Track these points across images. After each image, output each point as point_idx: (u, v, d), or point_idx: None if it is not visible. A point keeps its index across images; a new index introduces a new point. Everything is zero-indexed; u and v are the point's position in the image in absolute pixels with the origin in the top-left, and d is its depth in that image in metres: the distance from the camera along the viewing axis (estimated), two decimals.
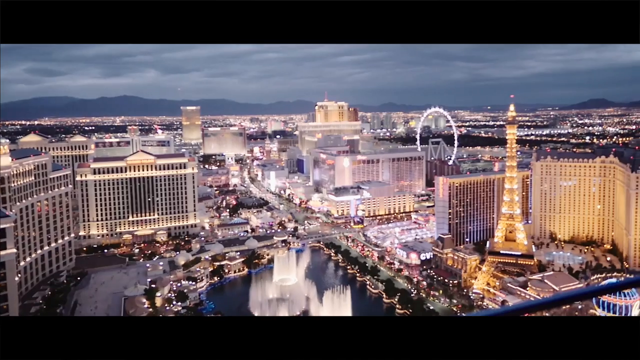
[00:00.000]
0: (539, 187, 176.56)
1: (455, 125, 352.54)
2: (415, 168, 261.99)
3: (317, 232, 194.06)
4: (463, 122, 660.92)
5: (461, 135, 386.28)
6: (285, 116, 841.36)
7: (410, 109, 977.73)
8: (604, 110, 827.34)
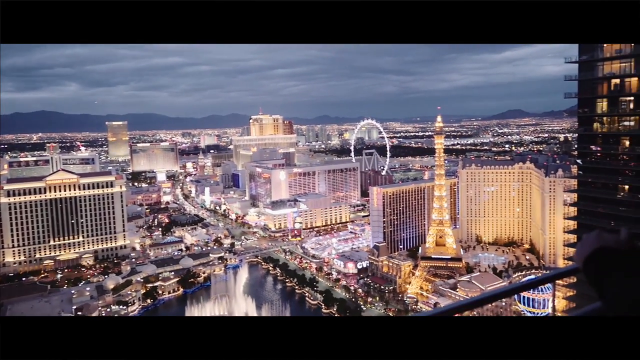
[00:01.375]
0: (465, 194, 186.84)
1: (387, 137, 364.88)
2: (350, 179, 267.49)
3: (254, 247, 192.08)
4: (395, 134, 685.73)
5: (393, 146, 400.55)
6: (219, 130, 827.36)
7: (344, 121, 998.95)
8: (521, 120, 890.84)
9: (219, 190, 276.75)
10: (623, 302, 1.24)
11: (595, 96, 67.51)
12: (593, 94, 67.72)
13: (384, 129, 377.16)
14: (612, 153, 66.91)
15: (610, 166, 67.02)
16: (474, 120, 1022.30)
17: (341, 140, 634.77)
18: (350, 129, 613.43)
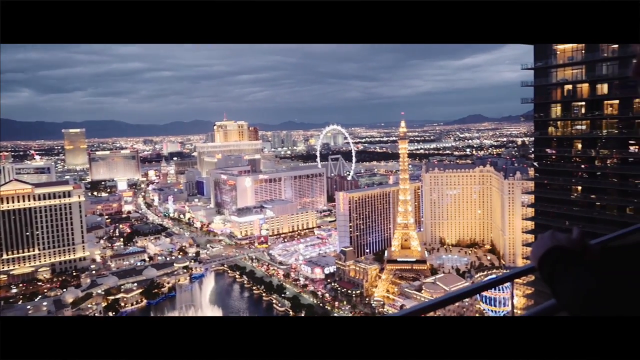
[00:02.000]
0: (428, 197, 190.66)
1: (353, 142, 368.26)
2: (316, 185, 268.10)
3: (220, 255, 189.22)
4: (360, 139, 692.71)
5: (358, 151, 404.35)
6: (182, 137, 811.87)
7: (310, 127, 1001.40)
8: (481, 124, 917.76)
9: (183, 198, 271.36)
10: (574, 298, 1.28)
11: (550, 101, 70.52)
12: (548, 99, 70.71)
13: (349, 135, 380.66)
14: (566, 155, 69.92)
15: (565, 168, 69.99)
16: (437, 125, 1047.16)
17: (307, 146, 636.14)
18: (315, 135, 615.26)
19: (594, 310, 1.18)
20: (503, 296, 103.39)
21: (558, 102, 69.93)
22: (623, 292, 1.08)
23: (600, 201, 66.10)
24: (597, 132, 66.04)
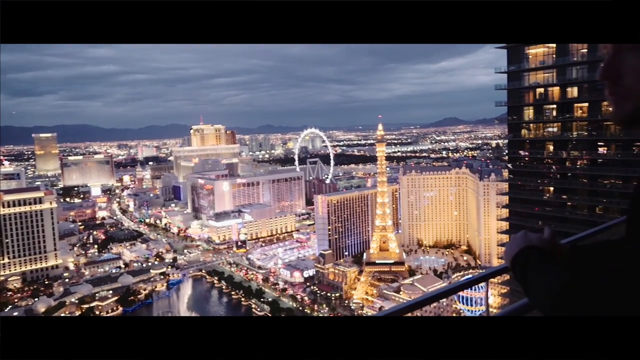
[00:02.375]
0: (406, 199, 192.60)
1: (331, 145, 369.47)
2: (295, 188, 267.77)
3: (198, 261, 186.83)
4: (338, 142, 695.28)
5: (336, 154, 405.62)
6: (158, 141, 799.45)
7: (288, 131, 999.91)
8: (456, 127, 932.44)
9: (159, 204, 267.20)
10: (545, 296, 1.32)
11: (523, 104, 72.27)
12: (520, 102, 72.44)
13: (327, 138, 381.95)
14: (539, 157, 71.70)
15: (537, 169, 71.74)
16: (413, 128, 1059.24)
17: (285, 150, 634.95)
18: (293, 138, 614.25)
19: (563, 307, 1.22)
20: (479, 296, 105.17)
21: (530, 105, 71.75)
22: (591, 290, 1.11)
23: (571, 201, 67.99)
24: (568, 134, 67.97)
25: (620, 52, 1.15)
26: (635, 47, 1.10)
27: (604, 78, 1.22)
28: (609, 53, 1.19)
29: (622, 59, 1.15)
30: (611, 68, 1.16)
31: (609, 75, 1.17)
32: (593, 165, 65.36)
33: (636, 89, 1.14)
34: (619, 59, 1.16)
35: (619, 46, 1.15)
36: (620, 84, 1.17)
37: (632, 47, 1.11)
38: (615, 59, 1.16)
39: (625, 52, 1.13)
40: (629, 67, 1.12)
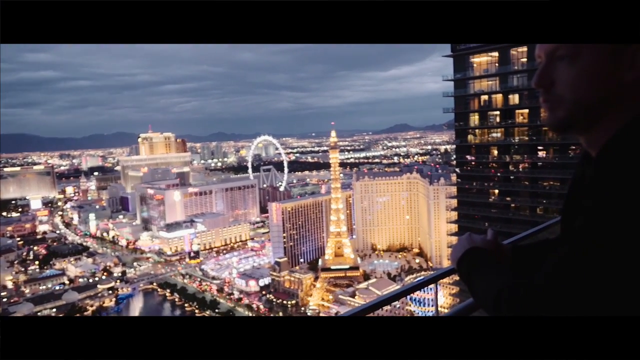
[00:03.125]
0: (360, 205, 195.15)
1: (284, 152, 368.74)
2: (248, 196, 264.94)
3: (149, 274, 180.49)
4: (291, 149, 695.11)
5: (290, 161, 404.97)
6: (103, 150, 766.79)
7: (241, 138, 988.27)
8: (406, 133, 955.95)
9: (106, 216, 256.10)
10: (488, 296, 1.35)
11: (468, 111, 75.38)
12: (466, 109, 75.53)
13: (280, 145, 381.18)
14: (484, 161, 74.94)
15: (483, 173, 74.96)
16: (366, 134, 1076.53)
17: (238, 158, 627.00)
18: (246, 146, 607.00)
19: (504, 306, 1.25)
20: (430, 297, 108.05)
21: (476, 111, 74.95)
22: (529, 288, 1.15)
23: (514, 203, 71.45)
24: (510, 139, 71.50)
25: (553, 61, 1.18)
26: (566, 56, 1.15)
27: (538, 86, 1.26)
28: (543, 62, 1.22)
29: (554, 68, 1.19)
30: (544, 76, 1.20)
31: (543, 84, 1.22)
32: (534, 168, 69.08)
33: (568, 96, 1.20)
34: (552, 68, 1.20)
35: (552, 55, 1.18)
36: (553, 92, 1.23)
37: (564, 56, 1.15)
38: (548, 67, 1.20)
39: (557, 62, 1.17)
40: (560, 76, 1.17)
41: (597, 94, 1.18)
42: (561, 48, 1.15)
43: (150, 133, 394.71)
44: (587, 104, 1.20)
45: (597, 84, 1.17)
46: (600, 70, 1.16)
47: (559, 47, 1.15)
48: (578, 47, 1.12)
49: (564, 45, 1.14)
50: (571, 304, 1.02)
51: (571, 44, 1.13)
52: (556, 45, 1.16)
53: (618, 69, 1.16)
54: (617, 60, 1.15)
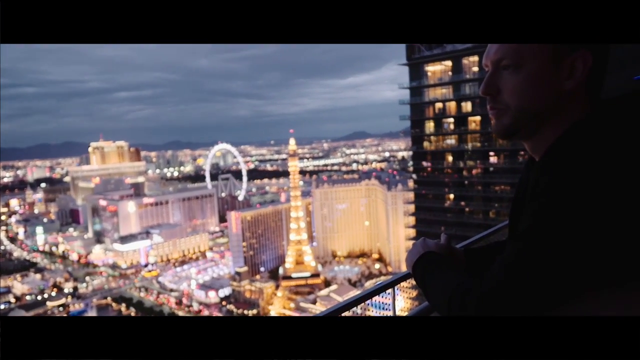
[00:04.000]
0: (319, 212, 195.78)
1: (243, 161, 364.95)
2: (207, 206, 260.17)
3: (103, 288, 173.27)
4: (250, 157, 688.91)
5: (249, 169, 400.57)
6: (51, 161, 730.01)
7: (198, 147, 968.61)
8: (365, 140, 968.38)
9: (54, 229, 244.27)
10: (441, 298, 1.36)
11: (424, 118, 77.54)
12: (422, 116, 77.65)
13: (239, 153, 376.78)
14: (439, 167, 77.18)
15: (439, 179, 77.12)
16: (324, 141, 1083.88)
17: (195, 166, 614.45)
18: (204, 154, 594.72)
19: (456, 308, 1.28)
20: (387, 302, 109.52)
21: (431, 118, 77.21)
22: (479, 289, 1.18)
23: (468, 207, 73.91)
24: (464, 146, 74.00)
25: (498, 70, 1.22)
26: (510, 65, 1.19)
27: (485, 94, 1.29)
28: (489, 71, 1.26)
29: (500, 77, 1.22)
30: (491, 84, 1.23)
31: (489, 91, 1.24)
32: (486, 173, 71.79)
33: (513, 104, 1.21)
34: (498, 77, 1.23)
35: (498, 64, 1.22)
36: (499, 100, 1.25)
37: (508, 65, 1.19)
38: (495, 76, 1.24)
39: (502, 71, 1.21)
40: (506, 84, 1.20)
41: (540, 102, 1.23)
42: (506, 58, 1.19)
43: (101, 142, 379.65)
44: (530, 111, 1.24)
45: (539, 92, 1.22)
46: (542, 79, 1.21)
47: (504, 57, 1.19)
48: (521, 57, 1.17)
49: (508, 55, 1.18)
50: (518, 303, 1.06)
51: (515, 54, 1.16)
52: (501, 55, 1.20)
53: (558, 79, 1.21)
54: (556, 71, 1.19)
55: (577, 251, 1.04)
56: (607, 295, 1.03)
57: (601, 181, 1.00)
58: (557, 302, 1.05)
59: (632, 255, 0.98)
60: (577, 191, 1.01)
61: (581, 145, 1.11)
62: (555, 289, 1.07)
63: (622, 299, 1.02)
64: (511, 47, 1.19)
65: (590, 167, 1.03)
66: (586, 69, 1.19)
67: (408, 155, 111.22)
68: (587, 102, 1.23)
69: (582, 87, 1.21)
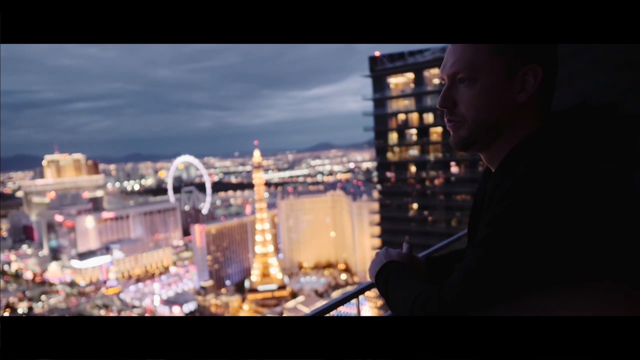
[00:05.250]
0: (285, 224, 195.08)
1: (207, 173, 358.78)
2: (169, 219, 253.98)
3: (60, 308, 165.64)
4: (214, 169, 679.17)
5: (213, 182, 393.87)
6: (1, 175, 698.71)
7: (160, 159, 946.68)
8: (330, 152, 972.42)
9: (6, 247, 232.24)
10: (403, 307, 1.39)
11: (387, 129, 78.98)
12: (385, 128, 79.08)
13: (203, 165, 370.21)
14: (403, 178, 78.62)
15: (402, 189, 78.53)
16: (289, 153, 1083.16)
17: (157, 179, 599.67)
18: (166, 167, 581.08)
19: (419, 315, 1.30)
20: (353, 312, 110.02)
21: (394, 130, 78.77)
22: (439, 296, 1.20)
23: (431, 216, 75.58)
24: (426, 156, 75.81)
25: (455, 83, 1.27)
26: (466, 78, 1.24)
27: (442, 106, 1.35)
28: (446, 84, 1.31)
29: (456, 90, 1.28)
30: (448, 98, 1.29)
31: (446, 104, 1.31)
32: (447, 183, 73.74)
33: (469, 116, 1.27)
34: (454, 90, 1.28)
35: (454, 78, 1.27)
36: (456, 112, 1.31)
37: (464, 78, 1.24)
38: (451, 89, 1.29)
39: (458, 84, 1.26)
40: (462, 97, 1.26)
41: (494, 114, 1.28)
42: (462, 71, 1.24)
43: (57, 155, 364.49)
44: (486, 123, 1.29)
45: (494, 105, 1.27)
46: (496, 92, 1.26)
47: (460, 71, 1.24)
48: (476, 71, 1.22)
49: (464, 69, 1.23)
50: (477, 309, 1.10)
51: (470, 68, 1.22)
52: (457, 69, 1.25)
53: (511, 92, 1.26)
54: (509, 84, 1.26)
55: (533, 256, 1.08)
56: (561, 295, 1.08)
57: (554, 188, 1.04)
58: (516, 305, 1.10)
59: (586, 257, 1.04)
60: (531, 198, 1.06)
61: (534, 155, 1.15)
62: (514, 293, 1.12)
63: (578, 299, 1.06)
64: (466, 61, 1.24)
65: (543, 176, 1.07)
66: (537, 83, 1.24)
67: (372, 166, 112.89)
68: (539, 114, 1.28)
69: (534, 100, 1.26)
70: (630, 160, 1.13)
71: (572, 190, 1.04)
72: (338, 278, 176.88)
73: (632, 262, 1.06)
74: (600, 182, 1.06)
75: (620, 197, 1.08)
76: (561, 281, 1.10)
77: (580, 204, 1.03)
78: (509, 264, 1.08)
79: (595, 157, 1.10)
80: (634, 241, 1.07)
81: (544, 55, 1.25)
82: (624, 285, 1.04)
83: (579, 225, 1.03)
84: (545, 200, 1.05)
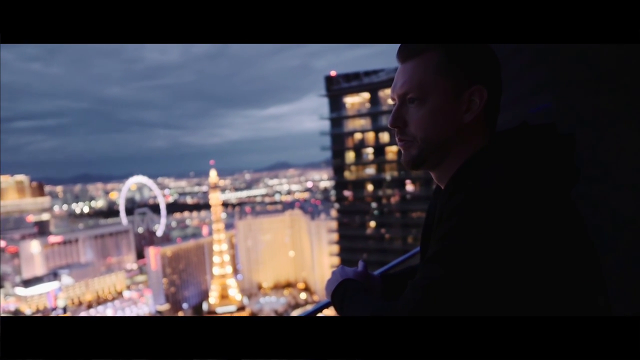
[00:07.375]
0: (244, 244, 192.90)
1: (161, 194, 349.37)
2: (122, 242, 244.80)
3: None
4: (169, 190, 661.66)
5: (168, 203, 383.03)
6: None
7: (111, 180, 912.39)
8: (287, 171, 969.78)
9: None
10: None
11: (344, 148, 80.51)
12: (342, 147, 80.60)
13: (157, 186, 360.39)
14: (360, 196, 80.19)
15: (360, 207, 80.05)
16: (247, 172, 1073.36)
17: (108, 201, 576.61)
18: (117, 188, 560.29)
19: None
20: None
21: (351, 149, 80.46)
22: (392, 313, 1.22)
23: (388, 234, 77.29)
24: (382, 175, 77.83)
25: (405, 103, 1.35)
26: (415, 98, 1.32)
27: (393, 126, 1.38)
28: (396, 104, 1.38)
29: (406, 110, 1.35)
30: (398, 117, 1.35)
31: (397, 124, 1.36)
32: (403, 201, 75.85)
33: (419, 136, 1.32)
34: (404, 110, 1.35)
35: (404, 98, 1.35)
36: (407, 132, 1.36)
37: (413, 98, 1.33)
38: (401, 109, 1.36)
39: (408, 104, 1.34)
40: (412, 117, 1.33)
41: (443, 134, 1.31)
42: (411, 92, 1.33)
43: None
44: (435, 142, 1.32)
45: (442, 125, 1.31)
46: (444, 112, 1.30)
47: (410, 91, 1.33)
48: (425, 91, 1.31)
49: (413, 90, 1.33)
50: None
51: (419, 89, 1.32)
52: (407, 89, 1.34)
53: (458, 112, 1.31)
54: (456, 104, 1.30)
55: (484, 268, 1.16)
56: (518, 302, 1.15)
57: (500, 203, 1.09)
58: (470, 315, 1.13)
59: (533, 267, 1.14)
60: (479, 214, 1.10)
61: (480, 172, 1.20)
62: (466, 306, 1.17)
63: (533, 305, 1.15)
64: (416, 81, 1.30)
65: (489, 191, 1.12)
66: (482, 103, 1.29)
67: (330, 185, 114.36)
68: (485, 134, 1.33)
69: (480, 120, 1.32)
70: (567, 177, 1.22)
71: (517, 205, 1.09)
72: (298, 297, 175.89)
73: (573, 269, 1.13)
74: (542, 197, 1.12)
75: (560, 210, 1.15)
76: (511, 291, 1.17)
77: (525, 217, 1.09)
78: (460, 277, 1.11)
79: (536, 174, 1.16)
80: (574, 249, 1.15)
81: (489, 76, 1.30)
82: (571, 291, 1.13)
83: (525, 237, 1.09)
84: (492, 215, 1.09)
